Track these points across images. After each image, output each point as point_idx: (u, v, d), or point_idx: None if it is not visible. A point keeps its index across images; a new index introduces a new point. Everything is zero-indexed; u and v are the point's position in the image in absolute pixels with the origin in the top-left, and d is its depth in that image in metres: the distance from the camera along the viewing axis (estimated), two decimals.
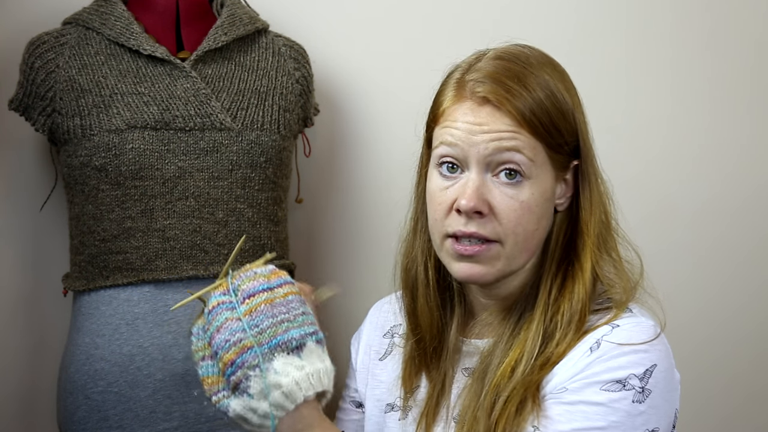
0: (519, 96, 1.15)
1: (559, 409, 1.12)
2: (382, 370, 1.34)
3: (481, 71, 1.17)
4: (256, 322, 1.05)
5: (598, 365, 1.12)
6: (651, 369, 1.12)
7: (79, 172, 1.67)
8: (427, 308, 1.27)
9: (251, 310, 1.06)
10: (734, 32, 2.12)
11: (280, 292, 1.08)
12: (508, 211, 1.15)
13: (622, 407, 1.10)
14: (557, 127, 1.16)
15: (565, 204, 1.21)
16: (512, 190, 1.15)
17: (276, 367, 1.03)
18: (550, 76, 1.18)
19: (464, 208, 1.15)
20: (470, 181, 1.15)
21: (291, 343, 1.05)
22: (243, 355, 1.04)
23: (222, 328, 1.05)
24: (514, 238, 1.16)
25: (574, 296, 1.17)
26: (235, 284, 1.08)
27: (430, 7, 2.05)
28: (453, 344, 1.25)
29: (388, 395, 1.30)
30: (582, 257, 1.18)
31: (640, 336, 1.13)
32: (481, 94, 1.15)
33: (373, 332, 1.37)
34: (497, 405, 1.14)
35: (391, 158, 2.04)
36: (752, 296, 2.16)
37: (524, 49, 1.21)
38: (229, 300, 1.07)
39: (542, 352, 1.16)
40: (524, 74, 1.16)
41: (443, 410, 1.24)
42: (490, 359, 1.19)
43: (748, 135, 2.14)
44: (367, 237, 2.07)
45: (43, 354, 1.90)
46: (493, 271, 1.18)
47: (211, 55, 1.74)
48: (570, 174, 1.20)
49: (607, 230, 1.22)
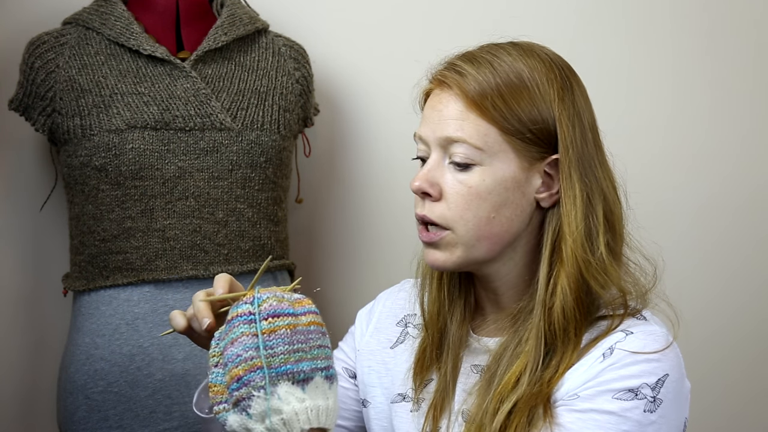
0: (468, 76, 1.16)
1: (570, 417, 1.11)
2: (392, 358, 1.33)
3: (455, 59, 1.20)
4: (272, 344, 1.03)
5: (610, 373, 1.11)
6: (663, 378, 1.11)
7: (79, 172, 1.67)
8: (432, 299, 1.27)
9: (272, 330, 1.04)
10: (734, 33, 2.12)
11: (303, 321, 1.06)
12: (456, 196, 1.16)
13: (633, 416, 1.10)
14: (513, 111, 1.15)
15: (549, 200, 1.18)
16: (462, 174, 1.16)
17: (280, 393, 1.02)
18: (524, 62, 1.17)
19: (413, 189, 1.18)
20: (427, 165, 1.18)
21: (299, 375, 1.03)
22: (251, 373, 1.02)
23: (236, 341, 1.04)
24: (464, 224, 1.16)
25: (564, 304, 1.15)
26: (260, 297, 1.06)
27: (430, 7, 2.05)
28: (457, 336, 1.25)
29: (398, 385, 1.30)
30: (564, 259, 1.16)
31: (653, 345, 1.13)
32: (439, 78, 1.19)
33: (386, 319, 1.36)
34: (500, 414, 1.14)
35: (391, 158, 2.04)
36: (753, 296, 2.16)
37: (516, 46, 1.20)
38: (249, 312, 1.05)
39: (547, 363, 1.15)
40: (483, 57, 1.17)
41: (448, 403, 1.24)
42: (497, 366, 1.19)
43: (748, 135, 2.14)
44: (367, 237, 2.07)
45: (43, 354, 1.90)
46: (452, 258, 1.18)
47: (211, 55, 1.74)
48: (553, 168, 1.18)
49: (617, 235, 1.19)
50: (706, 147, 2.13)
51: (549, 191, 1.18)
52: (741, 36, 2.13)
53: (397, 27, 2.04)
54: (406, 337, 1.32)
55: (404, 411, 1.28)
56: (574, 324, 1.15)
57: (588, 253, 1.16)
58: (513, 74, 1.16)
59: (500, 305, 1.24)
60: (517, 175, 1.16)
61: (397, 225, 2.04)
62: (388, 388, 1.31)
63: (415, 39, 2.03)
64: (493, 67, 1.16)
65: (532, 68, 1.17)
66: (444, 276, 1.27)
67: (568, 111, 1.18)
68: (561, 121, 1.16)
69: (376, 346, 1.35)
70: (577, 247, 1.15)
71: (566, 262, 1.15)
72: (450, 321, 1.26)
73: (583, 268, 1.15)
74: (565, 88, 1.18)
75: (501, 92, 1.15)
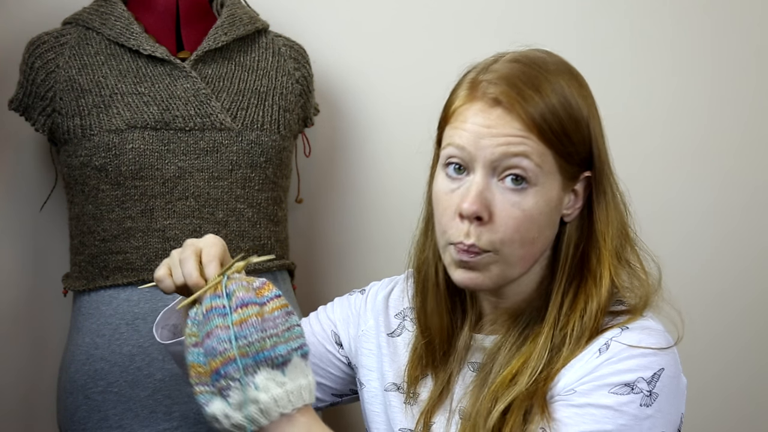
0: (531, 100, 1.13)
1: (567, 412, 1.11)
2: (389, 347, 1.33)
3: (496, 72, 1.15)
4: (245, 333, 1.06)
5: (606, 367, 1.12)
6: (659, 372, 1.12)
7: (79, 172, 1.67)
8: (437, 311, 1.26)
9: (242, 320, 1.07)
10: (735, 33, 2.12)
11: (268, 307, 1.09)
12: (507, 219, 1.13)
13: (630, 410, 1.10)
14: (569, 135, 1.14)
15: (573, 215, 1.19)
16: (516, 196, 1.13)
17: (257, 382, 1.05)
18: (567, 83, 1.16)
19: (466, 212, 1.13)
20: (474, 184, 1.14)
21: (277, 359, 1.06)
22: (227, 366, 1.05)
23: (212, 334, 1.06)
24: (510, 245, 1.14)
25: (587, 312, 1.16)
26: (230, 289, 1.09)
27: (430, 8, 2.05)
28: (464, 343, 1.25)
29: (393, 375, 1.30)
30: (598, 272, 1.17)
31: (648, 340, 1.13)
32: (492, 96, 1.14)
33: (384, 310, 1.36)
34: (494, 412, 1.14)
35: (391, 158, 2.04)
36: (755, 298, 2.16)
37: (543, 55, 1.20)
38: (222, 305, 1.08)
39: (548, 365, 1.15)
40: (539, 79, 1.15)
41: (446, 401, 1.24)
42: (492, 363, 1.19)
43: (748, 135, 2.14)
44: (367, 237, 2.07)
45: (43, 354, 1.90)
46: (489, 277, 1.17)
47: (211, 55, 1.74)
48: (580, 185, 1.19)
49: (625, 241, 1.20)
50: (707, 148, 2.13)
51: (575, 206, 1.20)
52: (742, 36, 2.13)
53: (397, 27, 2.04)
54: (403, 331, 1.33)
55: (398, 401, 1.29)
56: (591, 330, 1.16)
57: (619, 262, 1.18)
58: (567, 99, 1.15)
59: (502, 308, 1.24)
60: (560, 194, 1.17)
61: (396, 225, 2.03)
62: (384, 375, 1.32)
63: (416, 39, 2.03)
64: (551, 94, 1.14)
65: (578, 93, 1.17)
66: (445, 289, 1.26)
67: (599, 127, 1.19)
68: (597, 139, 1.18)
69: (377, 330, 1.35)
70: (613, 260, 1.17)
71: (598, 274, 1.17)
72: (456, 333, 1.26)
73: (614, 275, 1.17)
74: (593, 105, 1.20)
75: (560, 118, 1.14)
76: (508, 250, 1.15)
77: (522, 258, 1.16)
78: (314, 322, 1.41)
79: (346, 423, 2.05)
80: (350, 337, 1.38)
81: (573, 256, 1.19)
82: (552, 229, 1.18)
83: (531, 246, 1.16)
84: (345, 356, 1.39)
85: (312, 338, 1.39)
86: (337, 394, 1.42)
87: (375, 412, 1.32)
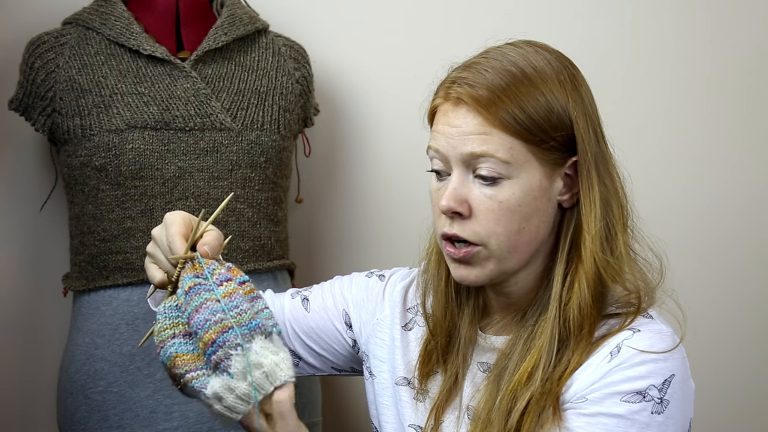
0: (492, 94, 1.13)
1: (579, 422, 1.12)
2: (402, 340, 1.33)
3: (463, 71, 1.17)
4: (235, 303, 1.07)
5: (617, 373, 1.12)
6: (669, 379, 1.12)
7: (79, 172, 1.67)
8: (440, 306, 1.27)
9: (229, 293, 1.08)
10: (735, 33, 2.12)
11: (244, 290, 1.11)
12: (486, 212, 1.15)
13: (641, 419, 1.10)
14: (537, 122, 1.14)
15: (571, 200, 1.19)
16: (491, 190, 1.15)
17: (255, 348, 1.05)
18: (539, 71, 1.16)
19: (443, 209, 1.16)
20: (450, 182, 1.16)
21: (266, 328, 1.07)
22: (224, 334, 1.05)
23: (201, 308, 1.07)
24: (496, 238, 1.15)
25: (581, 300, 1.16)
26: (210, 268, 1.10)
27: (430, 7, 2.05)
28: (467, 337, 1.25)
29: (403, 369, 1.31)
30: (583, 258, 1.17)
31: (660, 344, 1.13)
32: (455, 95, 1.16)
33: (402, 302, 1.36)
34: (514, 412, 1.14)
35: (391, 158, 2.04)
36: (755, 296, 2.16)
37: (521, 47, 1.20)
38: (205, 282, 1.09)
39: (559, 359, 1.15)
40: (504, 71, 1.15)
41: (456, 400, 1.24)
42: (506, 362, 1.19)
43: (749, 135, 2.14)
44: (367, 237, 2.07)
45: (43, 354, 1.90)
46: (485, 272, 1.17)
47: (211, 55, 1.74)
48: (572, 170, 1.18)
49: (620, 228, 1.19)
50: (708, 147, 2.13)
51: (570, 192, 1.19)
52: (742, 36, 2.13)
53: (398, 27, 2.04)
54: (414, 325, 1.33)
55: (408, 396, 1.29)
56: (590, 321, 1.16)
57: (607, 252, 1.17)
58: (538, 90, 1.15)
59: (509, 305, 1.24)
60: (543, 182, 1.16)
61: (397, 225, 2.04)
62: (395, 368, 1.31)
63: (416, 39, 2.03)
64: (516, 84, 1.14)
65: (547, 73, 1.16)
66: (446, 283, 1.27)
67: (582, 111, 1.18)
68: (578, 123, 1.17)
69: (392, 321, 1.35)
70: (596, 246, 1.16)
71: (585, 260, 1.16)
72: (460, 324, 1.27)
73: (602, 266, 1.16)
74: (576, 88, 1.19)
75: (526, 111, 1.14)
76: (494, 242, 1.15)
77: (512, 249, 1.16)
78: (327, 296, 1.40)
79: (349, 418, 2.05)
80: (362, 322, 1.37)
81: (568, 243, 1.19)
82: (541, 217, 1.17)
83: (518, 236, 1.16)
84: (352, 338, 1.38)
85: (322, 312, 1.38)
86: (337, 368, 1.42)
87: (385, 405, 1.32)
